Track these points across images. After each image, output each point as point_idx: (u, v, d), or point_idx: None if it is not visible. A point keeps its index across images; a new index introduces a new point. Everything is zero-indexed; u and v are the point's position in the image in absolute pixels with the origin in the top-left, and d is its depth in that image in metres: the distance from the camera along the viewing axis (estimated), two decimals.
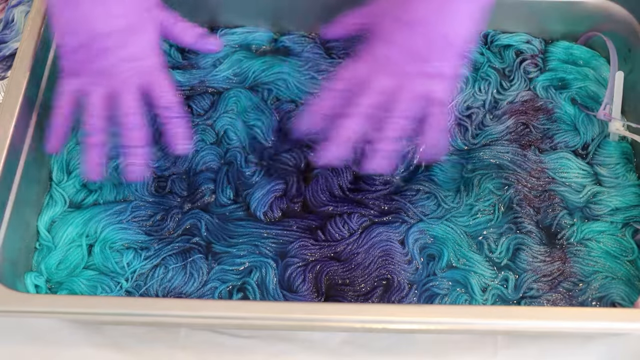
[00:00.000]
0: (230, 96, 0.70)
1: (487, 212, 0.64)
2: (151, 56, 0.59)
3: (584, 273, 0.61)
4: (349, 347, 0.61)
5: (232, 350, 0.61)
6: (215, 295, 0.60)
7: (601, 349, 0.61)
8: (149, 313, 0.52)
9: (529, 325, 0.52)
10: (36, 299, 0.55)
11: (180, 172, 0.67)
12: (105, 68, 0.57)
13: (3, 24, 0.79)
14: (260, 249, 0.62)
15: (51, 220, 0.64)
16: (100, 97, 0.57)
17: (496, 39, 0.74)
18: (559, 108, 0.69)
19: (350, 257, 0.62)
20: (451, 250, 0.62)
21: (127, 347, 0.61)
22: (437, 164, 0.66)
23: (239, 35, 0.75)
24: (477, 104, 0.70)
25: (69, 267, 0.62)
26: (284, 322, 0.53)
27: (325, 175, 0.65)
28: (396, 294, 0.60)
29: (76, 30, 0.56)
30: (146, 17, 0.58)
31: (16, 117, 0.60)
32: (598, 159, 0.67)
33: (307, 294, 0.60)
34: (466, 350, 0.61)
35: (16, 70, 0.62)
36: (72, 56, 0.57)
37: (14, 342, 0.61)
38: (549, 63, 0.72)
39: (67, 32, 0.57)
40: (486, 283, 0.61)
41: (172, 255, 0.62)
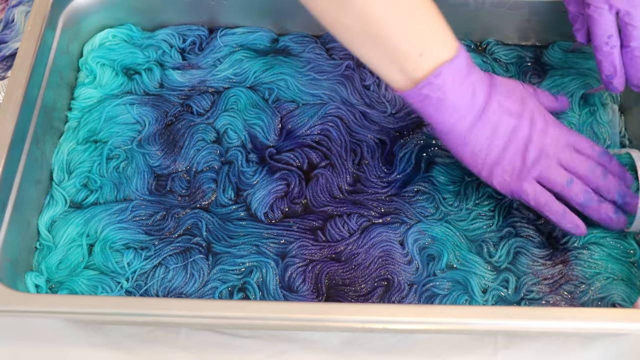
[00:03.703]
0: (230, 95, 0.70)
1: (487, 217, 0.64)
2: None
3: (585, 275, 0.61)
4: (349, 347, 0.61)
5: (232, 350, 0.61)
6: (215, 295, 0.60)
7: (601, 349, 0.61)
8: (149, 313, 0.52)
9: (529, 325, 0.52)
10: (36, 299, 0.55)
11: (180, 171, 0.67)
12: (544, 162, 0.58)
13: (3, 24, 0.79)
14: (260, 249, 0.62)
15: (51, 220, 0.64)
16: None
17: (495, 51, 0.74)
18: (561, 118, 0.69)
19: (350, 258, 0.62)
20: (451, 251, 0.62)
21: (127, 347, 0.61)
22: (436, 166, 0.66)
23: (239, 35, 0.75)
24: None
25: (69, 266, 0.62)
26: (284, 322, 0.53)
27: (325, 175, 0.65)
28: (396, 294, 0.60)
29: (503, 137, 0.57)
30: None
31: (16, 117, 0.60)
32: None
33: (308, 294, 0.60)
34: (466, 350, 0.61)
35: (16, 70, 0.62)
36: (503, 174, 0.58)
37: (14, 342, 0.61)
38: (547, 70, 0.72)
39: (491, 143, 0.57)
40: (486, 284, 0.61)
41: (172, 255, 0.62)
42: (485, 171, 0.59)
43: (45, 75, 0.65)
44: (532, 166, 0.58)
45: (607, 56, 0.61)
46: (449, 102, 0.55)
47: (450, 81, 0.54)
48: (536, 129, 0.58)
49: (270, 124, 0.69)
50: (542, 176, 0.58)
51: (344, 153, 0.67)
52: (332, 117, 0.69)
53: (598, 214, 0.59)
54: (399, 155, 0.67)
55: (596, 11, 0.60)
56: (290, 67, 0.72)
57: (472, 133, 0.57)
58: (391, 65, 0.55)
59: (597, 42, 0.61)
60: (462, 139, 0.57)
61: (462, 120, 0.56)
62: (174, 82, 0.72)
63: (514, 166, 0.58)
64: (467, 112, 0.56)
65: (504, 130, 0.57)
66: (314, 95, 0.71)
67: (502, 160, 0.58)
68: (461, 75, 0.55)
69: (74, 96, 0.71)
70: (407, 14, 0.53)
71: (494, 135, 0.57)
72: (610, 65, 0.61)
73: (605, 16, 0.60)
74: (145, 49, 0.73)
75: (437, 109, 0.55)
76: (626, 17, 0.59)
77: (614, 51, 0.61)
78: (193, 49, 0.74)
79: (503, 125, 0.57)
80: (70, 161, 0.67)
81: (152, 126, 0.69)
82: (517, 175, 0.58)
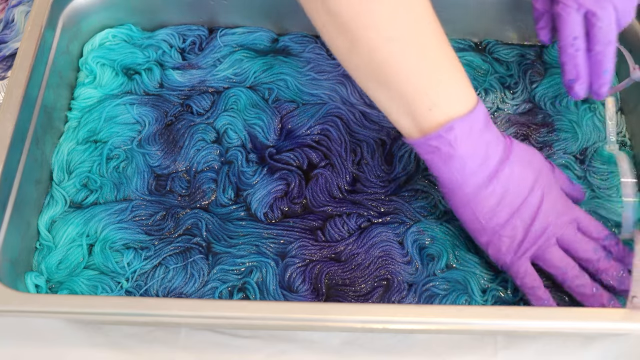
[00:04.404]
0: (230, 95, 0.70)
1: None
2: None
3: None
4: (349, 347, 0.61)
5: (232, 350, 0.61)
6: (215, 295, 0.60)
7: (601, 349, 0.61)
8: (149, 313, 0.52)
9: (529, 325, 0.52)
10: (36, 299, 0.55)
11: (180, 171, 0.67)
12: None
13: (3, 24, 0.79)
14: (260, 249, 0.62)
15: (51, 220, 0.64)
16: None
17: (495, 50, 0.74)
18: (559, 118, 0.69)
19: (350, 258, 0.62)
20: (450, 251, 0.62)
21: (127, 347, 0.61)
22: None
23: (239, 35, 0.75)
24: None
25: (69, 266, 0.62)
26: (284, 322, 0.53)
27: (325, 175, 0.65)
28: (396, 294, 0.60)
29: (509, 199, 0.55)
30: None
31: (16, 117, 0.60)
32: (595, 166, 0.67)
33: (307, 294, 0.60)
34: (466, 350, 0.61)
35: (16, 70, 0.62)
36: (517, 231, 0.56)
37: (14, 342, 0.61)
38: (547, 68, 0.73)
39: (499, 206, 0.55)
40: (486, 284, 0.61)
41: (172, 255, 0.62)
42: (484, 237, 0.56)
43: (45, 75, 0.65)
44: (531, 244, 0.55)
45: (571, 59, 0.59)
46: (458, 159, 0.52)
47: (462, 137, 0.51)
48: (545, 206, 0.55)
49: (270, 124, 0.69)
50: (538, 255, 0.56)
51: (343, 153, 0.67)
52: (332, 117, 0.69)
53: (590, 303, 0.56)
54: (398, 155, 0.67)
55: (564, 10, 0.58)
56: (290, 67, 0.72)
57: (479, 195, 0.54)
58: (400, 111, 0.52)
59: (563, 42, 0.60)
60: (466, 199, 0.54)
61: (470, 179, 0.53)
62: (174, 82, 0.72)
63: (513, 240, 0.55)
64: (478, 173, 0.53)
65: (513, 200, 0.54)
66: (314, 95, 0.71)
67: (503, 230, 0.55)
68: (476, 132, 0.52)
69: (74, 96, 0.71)
70: (419, 61, 0.50)
71: (501, 202, 0.54)
72: (574, 69, 0.60)
73: (573, 16, 0.58)
74: (145, 49, 0.73)
75: (446, 163, 0.53)
76: (593, 18, 0.57)
77: (579, 54, 0.59)
78: (193, 49, 0.74)
79: (512, 195, 0.54)
80: (70, 161, 0.67)
81: (152, 126, 0.69)
82: (514, 250, 0.56)
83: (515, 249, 0.56)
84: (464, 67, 0.71)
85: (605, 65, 0.59)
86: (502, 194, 0.54)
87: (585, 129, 0.69)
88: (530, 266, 0.57)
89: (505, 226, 0.55)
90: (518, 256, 0.56)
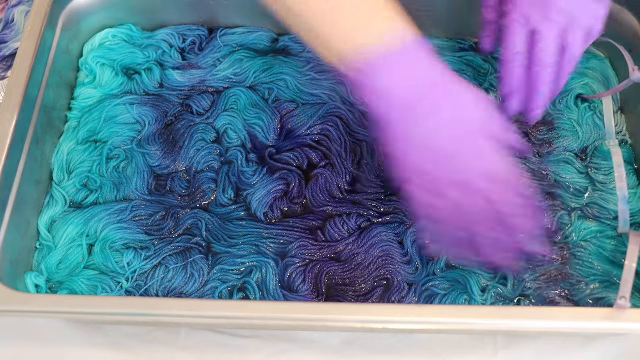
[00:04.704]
0: (230, 95, 0.70)
1: None
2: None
3: (582, 274, 0.61)
4: (349, 347, 0.61)
5: (232, 350, 0.61)
6: (215, 295, 0.60)
7: (601, 349, 0.61)
8: (149, 313, 0.52)
9: (529, 325, 0.52)
10: (36, 299, 0.55)
11: (180, 171, 0.67)
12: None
13: (3, 24, 0.79)
14: (260, 249, 0.62)
15: (51, 220, 0.64)
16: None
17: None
18: (559, 117, 0.69)
19: (350, 258, 0.62)
20: None
21: (127, 347, 0.61)
22: None
23: (239, 35, 0.75)
24: None
25: (69, 266, 0.62)
26: (284, 322, 0.53)
27: (325, 175, 0.65)
28: (396, 294, 0.60)
29: (426, 139, 0.51)
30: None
31: (16, 117, 0.60)
32: (597, 163, 0.67)
33: (308, 294, 0.60)
34: (466, 350, 0.61)
35: (16, 70, 0.62)
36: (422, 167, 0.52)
37: (14, 342, 0.61)
38: None
39: (410, 144, 0.52)
40: (485, 283, 0.61)
41: (172, 255, 0.62)
42: (401, 174, 0.53)
43: (45, 75, 0.65)
44: (449, 186, 0.52)
45: (509, 73, 0.59)
46: (382, 91, 0.51)
47: (388, 69, 0.51)
48: (465, 153, 0.52)
49: (270, 124, 0.69)
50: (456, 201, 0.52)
51: (343, 153, 0.67)
52: (332, 117, 0.69)
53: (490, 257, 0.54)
54: None
55: (512, 23, 0.58)
56: (290, 67, 0.72)
57: (399, 131, 0.52)
58: (327, 52, 0.52)
59: (505, 56, 0.59)
60: (390, 135, 0.52)
61: (392, 114, 0.51)
62: (174, 82, 0.72)
63: (434, 177, 0.52)
64: (402, 109, 0.51)
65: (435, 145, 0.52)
66: (314, 95, 0.71)
67: (419, 173, 0.52)
68: (406, 67, 0.51)
69: (74, 96, 0.71)
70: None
71: (422, 145, 0.52)
72: (510, 83, 0.59)
73: (519, 31, 0.58)
74: (145, 49, 0.73)
75: (370, 96, 0.51)
76: (537, 36, 0.57)
77: (518, 70, 0.58)
78: (193, 49, 0.74)
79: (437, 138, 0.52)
80: (70, 161, 0.67)
81: (152, 126, 0.69)
82: (435, 186, 0.52)
83: (435, 185, 0.52)
84: (464, 67, 0.72)
85: (539, 87, 0.58)
86: (425, 135, 0.52)
87: (585, 127, 0.69)
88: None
89: (422, 170, 0.52)
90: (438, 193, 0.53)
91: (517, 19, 0.58)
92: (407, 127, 0.52)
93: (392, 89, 0.52)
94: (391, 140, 0.53)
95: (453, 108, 0.52)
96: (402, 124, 0.52)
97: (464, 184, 0.52)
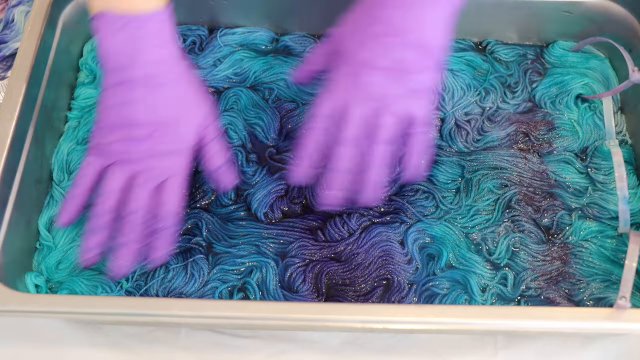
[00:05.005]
0: (230, 95, 0.70)
1: (486, 212, 0.64)
2: (181, 161, 0.56)
3: (582, 274, 0.61)
4: (349, 347, 0.61)
5: (232, 350, 0.61)
6: (215, 295, 0.60)
7: (601, 349, 0.61)
8: (149, 313, 0.52)
9: (529, 325, 0.52)
10: (36, 299, 0.55)
11: None
12: (133, 157, 0.55)
13: (3, 24, 0.79)
14: (260, 249, 0.62)
15: (51, 220, 0.64)
16: (117, 184, 0.55)
17: (495, 50, 0.74)
18: (559, 117, 0.69)
19: (350, 257, 0.62)
20: (450, 250, 0.62)
21: (127, 347, 0.61)
22: (436, 165, 0.66)
23: (239, 35, 0.75)
24: (476, 111, 0.70)
25: (69, 266, 0.62)
26: (284, 322, 0.53)
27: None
28: (396, 294, 0.60)
29: (119, 112, 0.54)
30: (195, 123, 0.57)
31: (16, 117, 0.60)
32: (597, 163, 0.67)
33: (308, 294, 0.60)
34: (466, 350, 0.61)
35: (16, 70, 0.62)
36: (104, 136, 0.55)
37: (14, 342, 0.61)
38: (547, 68, 0.73)
39: (109, 110, 0.55)
40: (485, 283, 0.61)
41: (172, 255, 0.61)
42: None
43: (45, 75, 0.65)
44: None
45: (309, 142, 0.55)
46: (103, 48, 0.53)
47: (108, 29, 0.53)
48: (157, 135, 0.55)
49: (270, 124, 0.69)
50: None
51: None
52: None
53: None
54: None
55: (330, 84, 0.55)
56: (290, 67, 0.72)
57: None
58: None
59: (312, 121, 0.55)
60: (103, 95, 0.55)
61: (105, 77, 0.54)
62: None
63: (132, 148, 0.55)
64: (111, 72, 0.54)
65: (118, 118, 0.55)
66: (314, 95, 0.71)
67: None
68: (124, 33, 0.53)
69: (74, 96, 0.71)
70: None
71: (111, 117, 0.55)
72: (305, 150, 0.55)
73: (334, 96, 0.54)
74: None
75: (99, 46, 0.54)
76: (347, 109, 0.53)
77: (318, 138, 0.54)
78: (193, 49, 0.74)
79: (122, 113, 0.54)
80: (70, 161, 0.67)
81: None
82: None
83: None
84: (464, 67, 0.72)
85: (329, 180, 0.54)
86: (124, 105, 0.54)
87: (585, 127, 0.69)
88: None
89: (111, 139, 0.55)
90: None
91: (337, 78, 0.55)
92: (112, 94, 0.54)
93: (109, 50, 0.53)
94: (99, 104, 0.55)
95: (162, 92, 0.54)
96: (109, 90, 0.54)
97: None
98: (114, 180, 0.55)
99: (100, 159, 0.56)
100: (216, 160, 0.59)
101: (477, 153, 0.67)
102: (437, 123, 0.69)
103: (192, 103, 0.57)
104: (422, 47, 0.52)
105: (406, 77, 0.52)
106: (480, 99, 0.71)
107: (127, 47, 0.53)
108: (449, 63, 0.72)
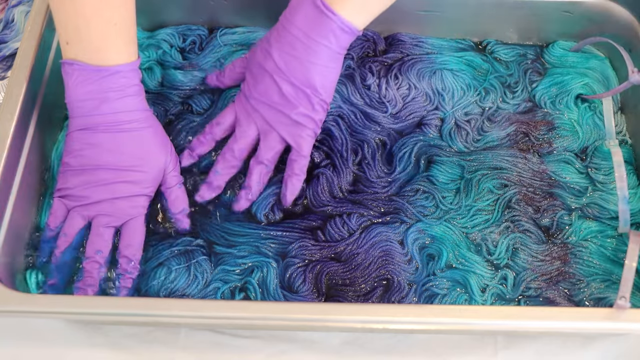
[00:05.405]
0: (230, 95, 0.70)
1: (486, 212, 0.64)
2: (142, 204, 0.60)
3: (582, 274, 0.61)
4: (349, 347, 0.61)
5: (232, 350, 0.61)
6: (217, 295, 0.60)
7: (601, 349, 0.61)
8: (149, 313, 0.52)
9: (529, 325, 0.52)
10: (36, 299, 0.55)
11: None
12: (94, 201, 0.59)
13: (3, 24, 0.79)
14: (260, 250, 0.62)
15: None
16: (77, 227, 0.59)
17: (495, 50, 0.74)
18: (559, 117, 0.69)
19: (350, 258, 0.62)
20: (450, 250, 0.62)
21: (127, 347, 0.61)
22: (436, 165, 0.66)
23: (239, 35, 0.75)
24: (475, 111, 0.70)
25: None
26: (284, 322, 0.53)
27: (326, 175, 0.65)
28: (396, 294, 0.60)
29: (82, 156, 0.58)
30: (156, 169, 0.61)
31: (16, 117, 0.60)
32: (597, 163, 0.67)
33: (308, 294, 0.60)
34: (466, 350, 0.61)
35: (16, 70, 0.62)
36: (67, 180, 0.59)
37: (14, 342, 0.61)
38: (547, 68, 0.73)
39: (72, 154, 0.59)
40: (485, 283, 0.61)
41: (174, 257, 0.61)
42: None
43: (45, 75, 0.65)
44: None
45: (200, 144, 0.64)
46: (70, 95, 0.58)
47: (79, 79, 0.57)
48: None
49: None
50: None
51: (345, 152, 0.67)
52: (333, 116, 0.69)
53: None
54: (398, 155, 0.67)
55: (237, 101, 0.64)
56: None
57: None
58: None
59: (211, 126, 0.64)
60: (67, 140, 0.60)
61: (71, 120, 0.59)
62: (175, 81, 0.71)
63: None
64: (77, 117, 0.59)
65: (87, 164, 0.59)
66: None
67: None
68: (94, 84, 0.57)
69: None
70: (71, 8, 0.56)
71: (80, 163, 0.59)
72: (197, 147, 0.64)
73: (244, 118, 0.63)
74: (145, 48, 0.73)
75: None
76: (237, 128, 0.63)
77: (208, 142, 0.65)
78: (193, 49, 0.74)
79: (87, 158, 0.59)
80: None
81: None
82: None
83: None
84: (464, 67, 0.72)
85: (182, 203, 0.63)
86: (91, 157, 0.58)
87: (585, 127, 0.69)
88: None
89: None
90: None
91: (240, 98, 0.63)
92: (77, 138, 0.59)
93: (76, 98, 0.58)
94: (64, 148, 0.60)
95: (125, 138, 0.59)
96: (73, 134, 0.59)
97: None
98: (74, 223, 0.59)
99: (64, 202, 0.59)
100: (177, 205, 0.62)
101: (477, 153, 0.67)
102: (437, 123, 0.69)
103: (155, 150, 0.61)
104: (308, 87, 0.59)
105: (292, 111, 0.60)
106: (480, 99, 0.71)
107: (93, 96, 0.57)
108: (449, 63, 0.72)
